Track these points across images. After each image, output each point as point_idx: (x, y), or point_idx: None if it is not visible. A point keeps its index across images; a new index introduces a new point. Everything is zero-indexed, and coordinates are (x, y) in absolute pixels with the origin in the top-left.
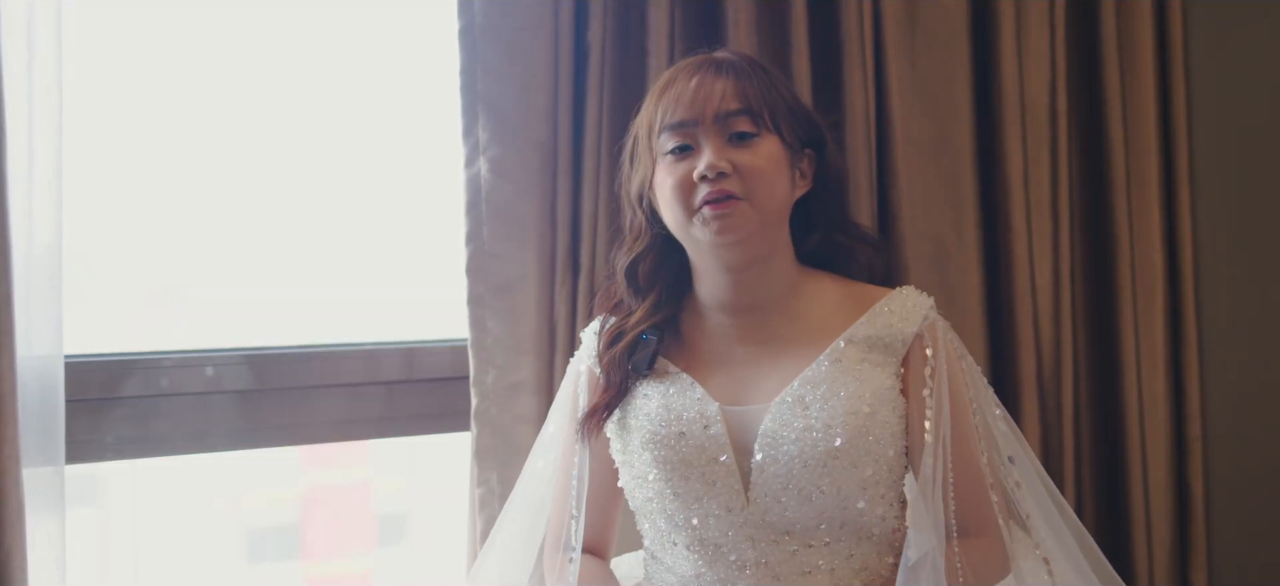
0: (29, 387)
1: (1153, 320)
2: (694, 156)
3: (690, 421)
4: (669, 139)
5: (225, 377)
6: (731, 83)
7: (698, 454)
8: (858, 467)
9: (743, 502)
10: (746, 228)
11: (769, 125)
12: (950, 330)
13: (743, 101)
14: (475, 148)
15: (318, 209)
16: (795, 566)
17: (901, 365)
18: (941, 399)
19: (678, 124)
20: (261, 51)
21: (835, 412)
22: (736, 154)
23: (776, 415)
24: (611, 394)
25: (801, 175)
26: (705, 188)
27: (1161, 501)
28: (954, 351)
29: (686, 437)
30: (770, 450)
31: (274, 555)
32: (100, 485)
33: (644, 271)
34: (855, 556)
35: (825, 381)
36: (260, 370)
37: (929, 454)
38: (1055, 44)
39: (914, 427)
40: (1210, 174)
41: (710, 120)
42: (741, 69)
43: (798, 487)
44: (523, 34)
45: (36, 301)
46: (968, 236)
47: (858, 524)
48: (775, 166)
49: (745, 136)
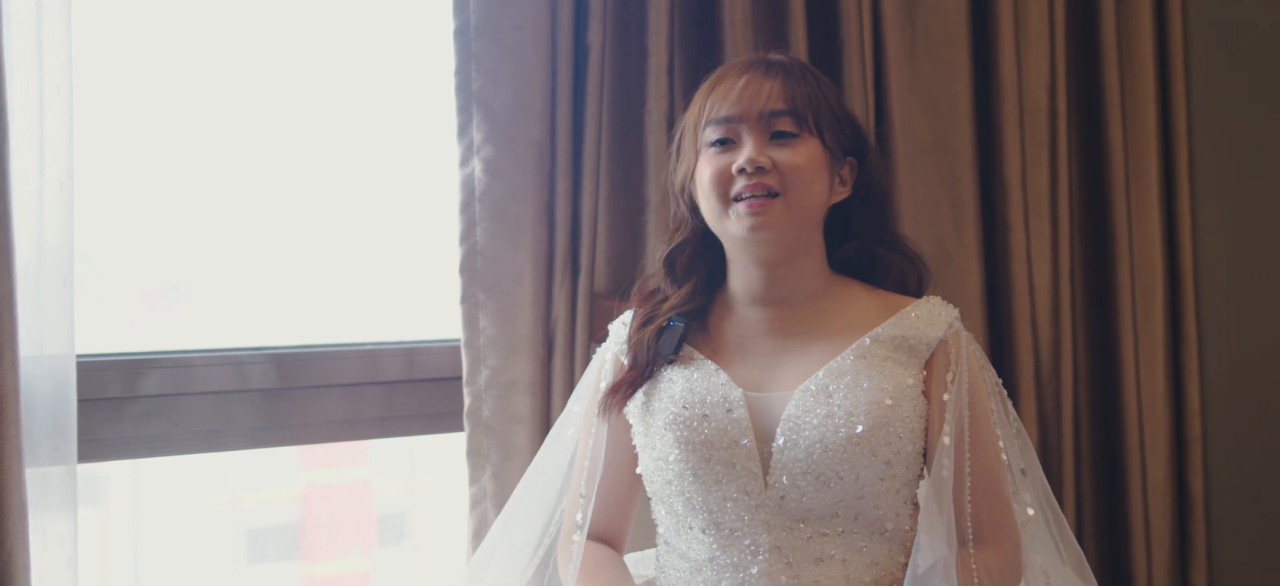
0: (40, 387)
1: (1152, 320)
2: (735, 150)
3: (713, 405)
4: (713, 132)
5: (225, 378)
6: (779, 83)
7: (720, 436)
8: (877, 455)
9: (761, 486)
10: (779, 225)
11: (812, 128)
12: (974, 342)
13: (788, 102)
14: (469, 147)
15: (317, 209)
16: (809, 553)
17: (924, 368)
18: (961, 404)
19: (723, 119)
20: (259, 51)
21: (858, 401)
22: (777, 152)
23: (800, 401)
24: (636, 373)
25: (841, 181)
26: (742, 181)
27: (1161, 501)
28: (976, 362)
29: (709, 420)
30: (791, 434)
31: (273, 555)
32: (101, 485)
33: (682, 261)
34: (867, 550)
35: (849, 372)
36: (260, 370)
37: (945, 455)
38: (1055, 44)
39: (932, 430)
40: (1210, 174)
41: (754, 118)
42: (791, 71)
43: (817, 472)
44: (518, 34)
45: (48, 301)
46: (967, 236)
47: (873, 516)
48: (814, 167)
49: (787, 136)
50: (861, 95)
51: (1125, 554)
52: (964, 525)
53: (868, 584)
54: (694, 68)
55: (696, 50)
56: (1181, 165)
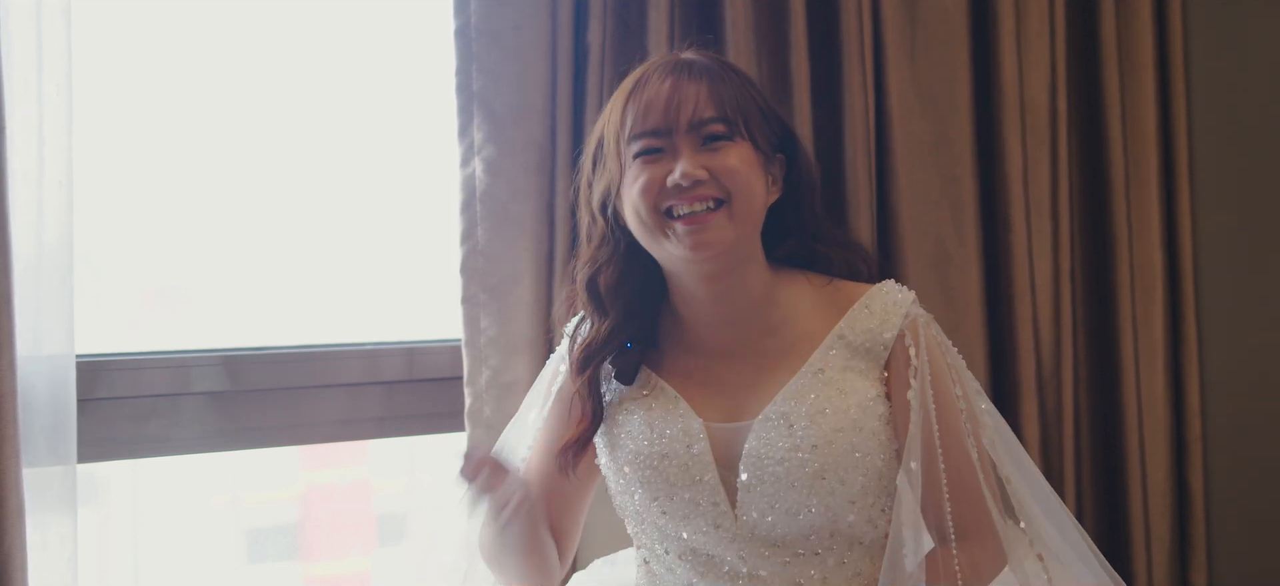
0: (39, 387)
1: (1152, 320)
2: (665, 160)
3: (673, 439)
4: (639, 144)
5: (225, 378)
6: (705, 86)
7: (681, 473)
8: (846, 484)
9: (731, 518)
10: (722, 237)
11: (743, 131)
12: (932, 322)
13: (717, 107)
14: (470, 147)
15: (318, 209)
16: (787, 577)
17: (884, 369)
18: (927, 400)
19: (650, 131)
20: (260, 51)
21: (821, 431)
22: (711, 159)
23: (760, 433)
24: (585, 425)
25: (773, 181)
26: (678, 196)
27: (1161, 501)
28: (937, 345)
29: (670, 458)
30: (755, 470)
31: (274, 555)
32: (100, 485)
33: (604, 283)
34: (847, 563)
35: (811, 392)
36: (261, 370)
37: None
38: (1055, 44)
39: (900, 430)
40: (1210, 174)
41: (685, 127)
42: (714, 73)
43: (785, 507)
44: (519, 34)
45: (46, 302)
46: (967, 236)
47: (849, 533)
48: (750, 169)
49: (718, 140)
50: (861, 95)
51: (1125, 553)
52: (943, 523)
53: None
54: None
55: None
56: (1181, 165)
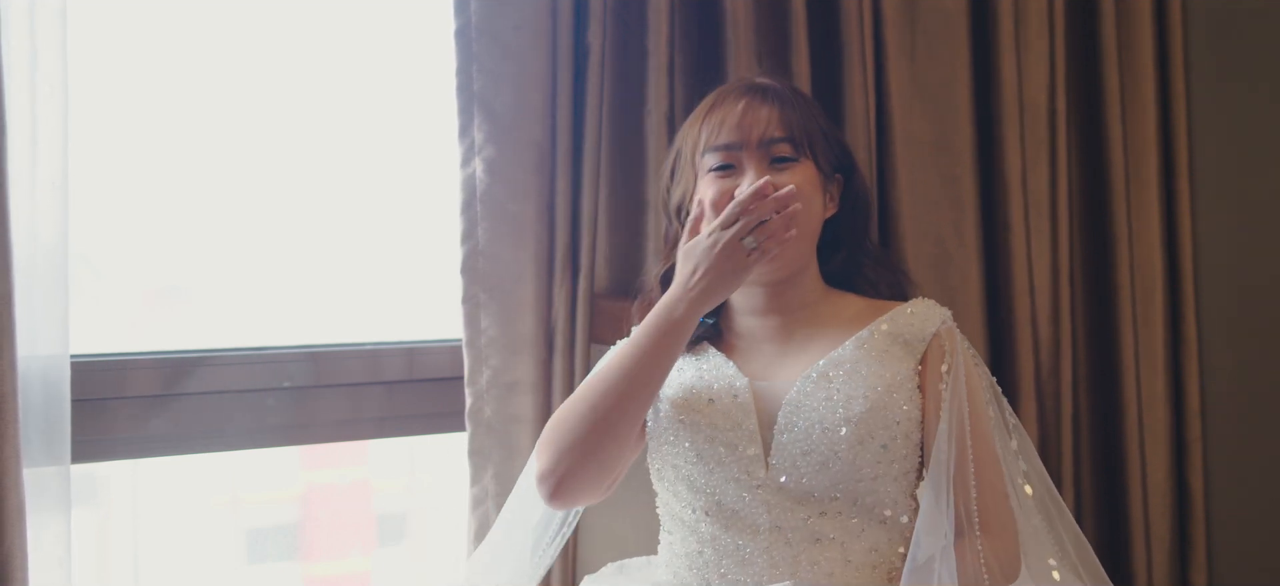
0: (34, 388)
1: (1152, 320)
2: (735, 175)
3: (720, 390)
4: (713, 158)
5: (225, 378)
6: (775, 110)
7: (724, 418)
8: (874, 438)
9: (763, 468)
10: (785, 248)
11: (807, 152)
12: (967, 343)
13: (785, 129)
14: (471, 148)
15: (318, 209)
16: (808, 533)
17: (920, 362)
18: (959, 392)
19: (724, 145)
20: (260, 51)
21: (856, 386)
22: (777, 177)
23: (801, 387)
24: None
25: (831, 198)
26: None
27: (1161, 501)
28: (970, 357)
29: (715, 404)
30: (791, 416)
31: (273, 555)
32: (100, 485)
33: None
34: (866, 534)
35: (849, 361)
36: (260, 370)
37: (943, 441)
38: (1055, 44)
39: (929, 423)
40: (1210, 174)
41: (754, 145)
42: (785, 97)
43: (816, 453)
44: (519, 34)
45: (42, 302)
46: (967, 236)
47: (871, 501)
48: (812, 188)
49: (786, 160)
50: (861, 95)
51: (1125, 554)
52: (969, 511)
53: (865, 568)
54: (694, 68)
55: (696, 50)
56: (1181, 165)
